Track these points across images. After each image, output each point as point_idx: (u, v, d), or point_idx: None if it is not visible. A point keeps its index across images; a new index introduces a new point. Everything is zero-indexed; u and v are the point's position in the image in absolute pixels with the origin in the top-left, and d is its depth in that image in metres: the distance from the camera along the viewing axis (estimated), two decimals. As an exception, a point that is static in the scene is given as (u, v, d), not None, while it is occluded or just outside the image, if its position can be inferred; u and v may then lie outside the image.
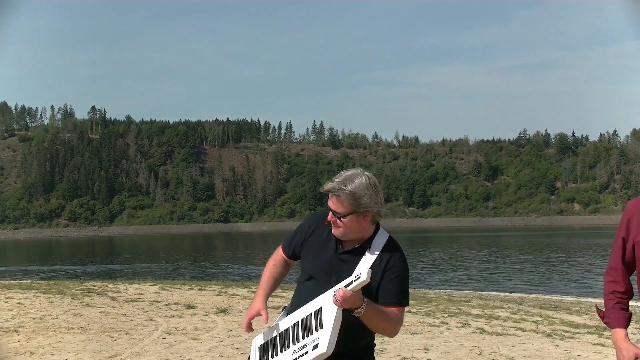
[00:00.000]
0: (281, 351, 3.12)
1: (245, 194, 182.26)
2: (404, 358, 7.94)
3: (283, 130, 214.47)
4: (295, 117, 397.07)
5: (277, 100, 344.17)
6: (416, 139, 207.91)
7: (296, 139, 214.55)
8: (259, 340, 3.28)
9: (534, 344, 9.40)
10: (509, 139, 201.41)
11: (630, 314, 3.20)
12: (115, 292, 14.80)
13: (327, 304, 2.98)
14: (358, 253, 3.17)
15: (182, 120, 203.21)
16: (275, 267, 3.36)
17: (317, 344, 2.95)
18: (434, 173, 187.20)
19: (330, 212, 3.15)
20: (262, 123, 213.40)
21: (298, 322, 3.09)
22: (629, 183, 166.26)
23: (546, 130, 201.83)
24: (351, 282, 2.94)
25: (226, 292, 15.61)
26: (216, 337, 9.13)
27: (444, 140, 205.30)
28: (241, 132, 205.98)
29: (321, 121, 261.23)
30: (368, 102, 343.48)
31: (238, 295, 15.00)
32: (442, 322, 11.52)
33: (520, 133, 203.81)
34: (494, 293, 22.84)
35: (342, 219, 3.11)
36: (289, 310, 3.22)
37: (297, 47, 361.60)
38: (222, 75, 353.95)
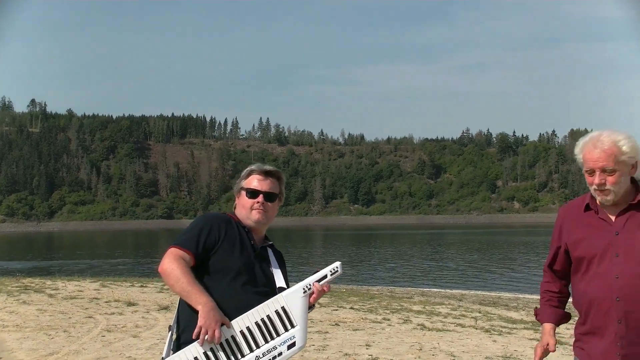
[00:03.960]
0: None
1: (190, 190, 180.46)
2: (346, 354, 8.00)
3: (229, 127, 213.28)
4: (241, 114, 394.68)
5: (223, 96, 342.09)
6: (362, 137, 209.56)
7: (242, 135, 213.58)
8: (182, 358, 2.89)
9: (472, 340, 9.59)
10: (452, 138, 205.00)
11: (566, 313, 3.30)
12: (54, 289, 14.47)
13: (292, 302, 2.96)
14: (265, 249, 3.27)
15: (126, 114, 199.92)
16: (187, 267, 2.99)
17: (294, 342, 2.91)
18: (378, 171, 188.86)
19: (261, 195, 3.21)
20: (208, 119, 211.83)
21: (252, 327, 2.92)
22: (566, 182, 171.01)
23: (488, 130, 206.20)
24: (325, 276, 2.97)
25: (168, 289, 15.44)
26: (157, 335, 9.03)
27: (389, 139, 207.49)
28: (186, 127, 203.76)
29: (267, 118, 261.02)
30: (314, 100, 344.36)
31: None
32: (384, 319, 11.65)
33: (463, 132, 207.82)
34: (436, 290, 23.22)
35: (271, 203, 3.23)
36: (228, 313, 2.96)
37: (244, 44, 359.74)
38: (167, 70, 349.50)
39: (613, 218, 3.08)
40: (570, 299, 3.29)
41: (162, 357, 2.98)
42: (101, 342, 8.44)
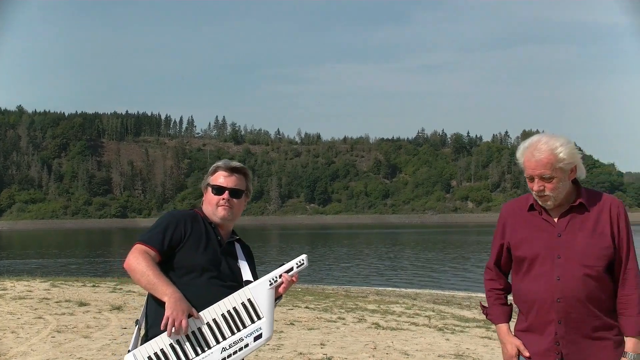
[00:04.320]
0: (196, 354, 2.89)
1: (144, 189, 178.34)
2: (301, 353, 7.99)
3: (184, 125, 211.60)
4: (197, 112, 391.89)
5: (179, 94, 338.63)
6: (318, 136, 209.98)
7: (198, 134, 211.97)
8: (143, 353, 2.90)
9: (426, 338, 9.68)
10: (408, 138, 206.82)
11: (511, 308, 3.36)
12: (2, 289, 14.12)
13: (259, 294, 3.00)
14: (232, 244, 3.30)
15: (79, 112, 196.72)
16: (153, 261, 3.01)
17: (260, 333, 2.96)
18: (335, 170, 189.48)
19: (227, 192, 3.25)
20: (163, 117, 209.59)
21: (218, 319, 2.94)
22: (518, 182, 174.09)
23: (443, 130, 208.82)
24: (292, 269, 3.05)
25: (121, 288, 15.21)
26: (109, 335, 8.89)
27: (345, 138, 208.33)
28: (141, 125, 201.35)
29: (224, 116, 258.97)
30: (271, 99, 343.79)
31: (134, 292, 14.64)
32: (339, 318, 11.68)
33: (418, 132, 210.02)
34: (390, 289, 23.38)
35: (237, 199, 3.27)
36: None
37: (201, 42, 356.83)
38: (121, 67, 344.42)
39: (556, 219, 3.13)
40: (511, 296, 3.34)
41: (129, 350, 2.96)
42: (51, 343, 8.27)
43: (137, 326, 3.06)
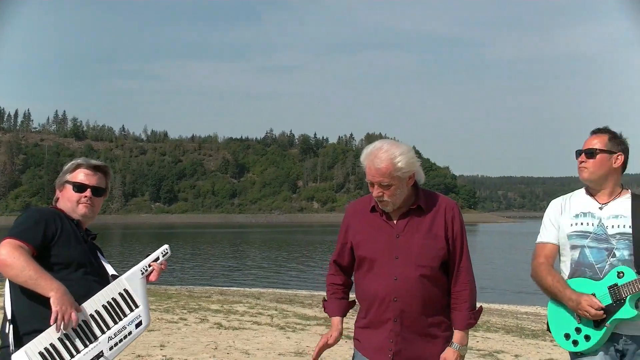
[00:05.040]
0: (85, 346, 2.94)
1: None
2: (139, 356, 7.83)
3: (20, 118, 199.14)
4: (34, 105, 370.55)
5: (14, 85, 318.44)
6: (165, 134, 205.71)
7: (35, 128, 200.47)
8: (34, 349, 2.86)
9: (267, 337, 9.79)
10: (256, 138, 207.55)
11: (350, 302, 3.49)
12: None
13: (133, 284, 3.14)
14: (91, 241, 3.39)
15: None
16: (30, 256, 2.94)
17: (140, 320, 3.11)
18: (182, 169, 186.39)
19: (89, 190, 3.27)
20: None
21: (100, 310, 3.02)
22: (362, 183, 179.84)
23: (291, 131, 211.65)
24: (158, 258, 3.23)
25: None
26: None
27: (193, 137, 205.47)
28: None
29: (64, 111, 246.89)
30: (116, 94, 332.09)
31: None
32: (181, 318, 11.54)
33: (267, 132, 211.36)
34: (235, 288, 23.40)
35: (98, 197, 3.32)
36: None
37: (41, 31, 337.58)
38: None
39: (395, 221, 3.29)
40: (353, 293, 3.48)
41: (11, 349, 2.88)
42: None
43: (8, 325, 2.96)
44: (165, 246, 3.28)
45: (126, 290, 3.11)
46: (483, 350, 9.52)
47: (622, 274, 3.33)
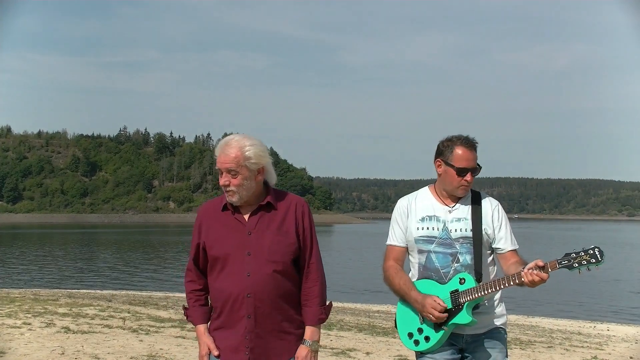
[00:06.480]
0: None
1: None
2: (-24, 365, 7.33)
3: None
4: None
5: None
6: (9, 129, 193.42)
7: None
8: None
9: (119, 340, 9.47)
10: (109, 135, 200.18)
11: (210, 308, 3.44)
12: None
13: None
14: None
15: None
16: None
17: None
18: (27, 166, 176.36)
19: None
20: None
21: None
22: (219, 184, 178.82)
23: (146, 129, 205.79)
24: None
25: None
26: None
27: (40, 132, 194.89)
28: None
29: None
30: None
31: None
32: (25, 323, 10.91)
33: (120, 130, 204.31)
34: (85, 291, 22.49)
35: None
36: None
37: None
38: None
39: (246, 218, 3.30)
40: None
41: None
42: None
43: None
44: None
45: None
46: (336, 348, 9.71)
47: (463, 281, 3.48)
